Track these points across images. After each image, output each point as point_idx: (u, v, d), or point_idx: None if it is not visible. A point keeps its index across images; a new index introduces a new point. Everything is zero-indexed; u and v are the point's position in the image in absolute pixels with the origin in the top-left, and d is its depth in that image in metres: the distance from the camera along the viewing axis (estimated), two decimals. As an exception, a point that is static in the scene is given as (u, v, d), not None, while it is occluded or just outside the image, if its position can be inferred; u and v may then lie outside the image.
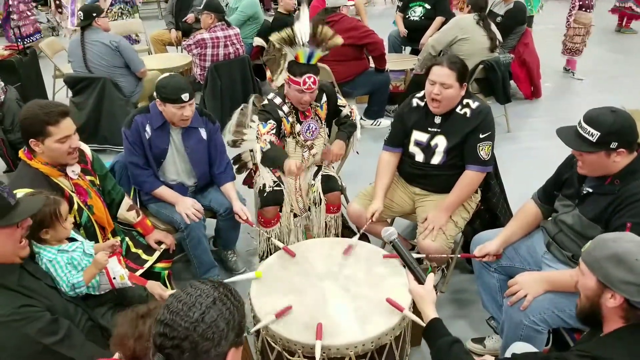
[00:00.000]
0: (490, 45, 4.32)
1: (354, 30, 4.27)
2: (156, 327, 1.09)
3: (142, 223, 2.46)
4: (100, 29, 4.32)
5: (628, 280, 1.30)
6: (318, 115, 2.74)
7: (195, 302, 1.08)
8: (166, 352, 1.06)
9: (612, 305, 1.34)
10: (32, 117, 1.98)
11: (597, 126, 1.74)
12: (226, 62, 4.61)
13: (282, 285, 1.99)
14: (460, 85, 2.39)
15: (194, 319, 1.06)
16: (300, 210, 2.73)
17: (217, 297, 1.10)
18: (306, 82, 2.51)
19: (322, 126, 2.78)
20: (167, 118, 2.51)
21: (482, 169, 2.44)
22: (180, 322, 1.06)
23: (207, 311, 1.07)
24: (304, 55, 2.53)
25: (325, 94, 2.77)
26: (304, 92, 2.54)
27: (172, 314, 1.07)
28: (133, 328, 1.33)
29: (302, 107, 2.64)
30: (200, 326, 1.06)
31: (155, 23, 8.81)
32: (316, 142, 2.77)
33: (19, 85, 4.45)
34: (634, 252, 1.32)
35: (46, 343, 1.55)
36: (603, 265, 1.34)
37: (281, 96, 2.68)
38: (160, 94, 2.44)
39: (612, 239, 1.38)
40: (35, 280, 1.68)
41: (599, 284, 1.36)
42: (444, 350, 1.53)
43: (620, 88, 5.62)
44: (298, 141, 2.71)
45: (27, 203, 1.61)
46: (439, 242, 2.37)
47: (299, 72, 2.51)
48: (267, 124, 2.60)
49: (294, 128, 2.69)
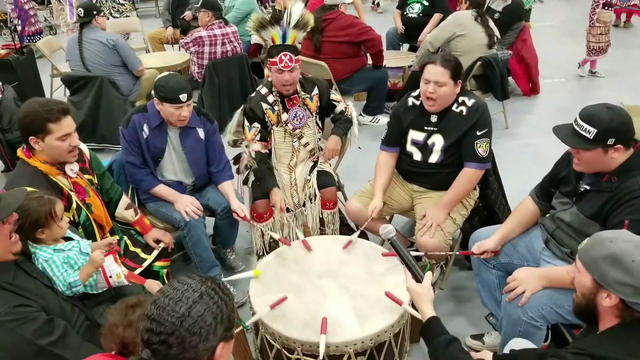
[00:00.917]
0: (488, 42, 4.31)
1: (351, 27, 4.27)
2: (144, 322, 1.08)
3: (140, 222, 2.46)
4: (98, 28, 4.31)
5: (624, 282, 1.29)
6: (306, 105, 2.75)
7: (182, 297, 1.08)
8: (153, 348, 1.06)
9: (607, 305, 1.34)
10: (32, 115, 1.97)
11: (594, 123, 1.74)
12: (224, 60, 4.61)
13: (281, 283, 1.99)
14: (455, 82, 2.38)
15: (180, 313, 1.06)
16: (295, 205, 2.73)
17: (204, 291, 1.10)
18: (282, 60, 2.53)
19: (312, 116, 2.79)
20: (165, 117, 2.50)
21: (480, 166, 2.44)
22: (166, 317, 1.05)
23: (194, 306, 1.07)
24: (279, 35, 2.57)
25: (317, 87, 2.79)
26: (282, 72, 2.56)
27: (158, 309, 1.07)
28: (122, 317, 1.34)
29: (285, 89, 2.64)
30: (187, 321, 1.05)
31: (153, 21, 8.78)
32: (305, 131, 2.78)
33: (17, 84, 4.44)
34: (631, 252, 1.31)
35: (41, 344, 1.54)
36: (599, 265, 1.34)
37: (268, 86, 2.71)
38: (158, 93, 2.43)
39: (609, 239, 1.36)
40: (31, 279, 1.68)
41: (594, 283, 1.35)
42: (441, 349, 1.53)
43: (619, 84, 5.62)
44: (286, 130, 2.72)
45: (9, 198, 1.60)
46: (437, 239, 2.37)
47: (275, 52, 2.55)
48: (252, 128, 2.68)
49: (281, 117, 2.70)
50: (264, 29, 2.58)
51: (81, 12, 4.25)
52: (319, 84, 2.82)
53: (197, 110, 2.65)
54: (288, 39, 2.58)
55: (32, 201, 1.74)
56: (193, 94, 2.56)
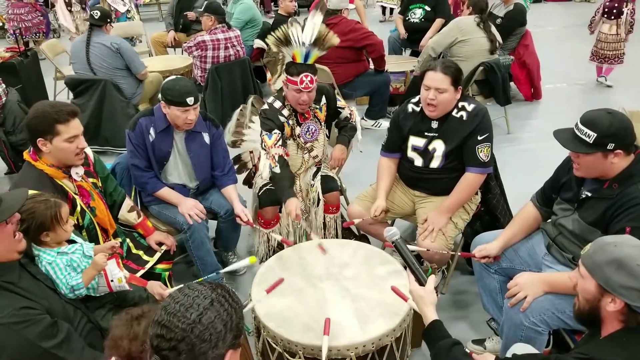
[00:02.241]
0: (490, 47, 4.33)
1: (353, 32, 4.29)
2: (153, 328, 1.08)
3: (143, 224, 2.47)
4: (104, 32, 4.34)
5: (629, 286, 1.30)
6: (317, 117, 2.74)
7: (193, 303, 1.07)
8: (163, 354, 1.05)
9: (612, 309, 1.34)
10: (42, 116, 1.99)
11: (594, 127, 1.74)
12: (227, 64, 4.63)
13: (283, 286, 1.99)
14: (455, 89, 2.39)
15: (191, 320, 1.05)
16: (302, 211, 2.73)
17: (215, 298, 1.09)
18: (303, 81, 2.48)
19: (322, 128, 2.78)
20: (171, 120, 2.51)
21: (482, 171, 2.45)
22: (177, 323, 1.05)
23: (205, 312, 1.06)
24: (301, 55, 2.51)
25: (324, 96, 2.77)
26: (301, 92, 2.51)
27: (169, 315, 1.06)
28: (128, 329, 1.32)
29: (301, 108, 2.62)
30: (197, 327, 1.05)
31: (156, 25, 8.83)
32: (315, 144, 2.78)
33: (20, 87, 4.45)
34: (636, 256, 1.31)
35: (45, 347, 1.55)
36: (604, 269, 1.33)
37: (281, 99, 2.66)
38: (165, 96, 2.44)
39: (613, 243, 1.36)
40: (35, 281, 1.68)
41: (599, 288, 1.35)
42: (443, 352, 1.53)
43: (622, 90, 5.62)
44: (298, 144, 2.72)
45: (11, 198, 1.60)
46: (439, 243, 2.38)
47: (296, 72, 2.49)
48: (272, 135, 2.57)
49: (294, 131, 2.69)
50: (286, 45, 2.52)
51: (97, 14, 4.26)
52: (326, 92, 2.79)
53: (203, 114, 2.66)
54: (310, 59, 2.53)
55: (39, 204, 1.75)
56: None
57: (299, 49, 2.50)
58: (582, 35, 6.07)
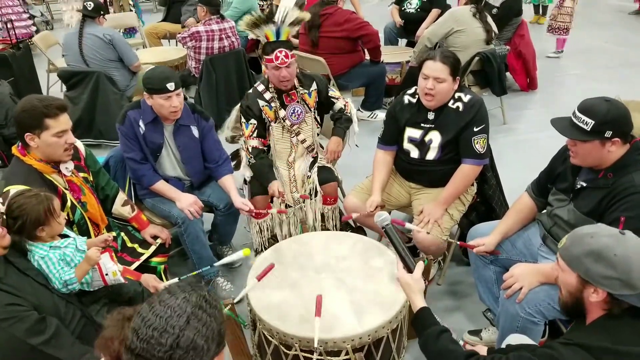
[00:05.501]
0: (486, 37, 4.31)
1: (349, 22, 4.25)
2: (126, 354, 0.98)
3: (137, 218, 2.45)
4: (97, 24, 4.29)
5: (609, 276, 1.30)
6: (305, 101, 2.75)
7: (167, 326, 0.96)
8: None
9: (595, 300, 1.35)
10: (30, 110, 1.96)
11: (592, 115, 1.74)
12: (221, 55, 4.59)
13: (279, 279, 1.99)
14: (454, 79, 2.38)
15: (167, 346, 0.95)
16: (294, 201, 2.73)
17: (191, 312, 0.99)
18: (278, 56, 2.54)
19: (310, 112, 2.79)
20: (157, 113, 2.48)
21: (478, 162, 2.44)
22: (153, 352, 0.95)
23: (182, 334, 0.96)
24: (272, 33, 2.58)
25: (315, 83, 2.79)
26: (279, 68, 2.58)
27: (142, 342, 0.96)
28: (119, 330, 1.30)
29: (283, 85, 2.65)
30: (176, 352, 0.95)
31: (150, 16, 8.75)
32: (303, 127, 2.77)
33: (12, 79, 4.41)
34: (612, 246, 1.31)
35: (33, 343, 1.53)
36: (583, 261, 1.34)
37: (265, 83, 2.73)
38: (146, 86, 2.42)
39: (589, 234, 1.37)
40: (22, 277, 1.66)
41: (580, 280, 1.36)
42: (432, 340, 1.53)
43: (618, 79, 5.62)
44: (284, 126, 2.72)
45: None
46: (434, 235, 2.37)
47: (270, 50, 2.57)
48: (249, 125, 2.69)
49: (278, 113, 2.70)
50: (257, 27, 2.59)
51: (90, 5, 4.20)
52: (318, 80, 2.82)
53: (191, 107, 2.63)
54: (282, 35, 2.59)
55: (29, 199, 1.73)
56: (190, 88, 2.54)
57: (270, 28, 2.57)
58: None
